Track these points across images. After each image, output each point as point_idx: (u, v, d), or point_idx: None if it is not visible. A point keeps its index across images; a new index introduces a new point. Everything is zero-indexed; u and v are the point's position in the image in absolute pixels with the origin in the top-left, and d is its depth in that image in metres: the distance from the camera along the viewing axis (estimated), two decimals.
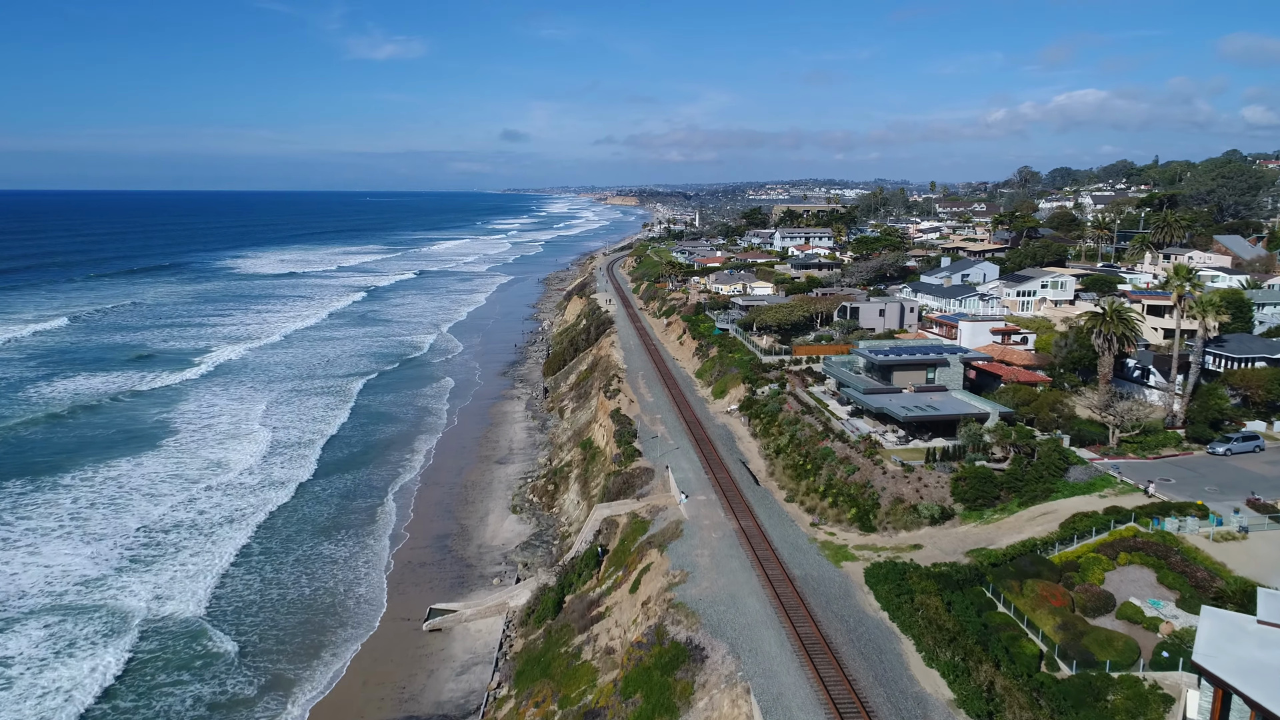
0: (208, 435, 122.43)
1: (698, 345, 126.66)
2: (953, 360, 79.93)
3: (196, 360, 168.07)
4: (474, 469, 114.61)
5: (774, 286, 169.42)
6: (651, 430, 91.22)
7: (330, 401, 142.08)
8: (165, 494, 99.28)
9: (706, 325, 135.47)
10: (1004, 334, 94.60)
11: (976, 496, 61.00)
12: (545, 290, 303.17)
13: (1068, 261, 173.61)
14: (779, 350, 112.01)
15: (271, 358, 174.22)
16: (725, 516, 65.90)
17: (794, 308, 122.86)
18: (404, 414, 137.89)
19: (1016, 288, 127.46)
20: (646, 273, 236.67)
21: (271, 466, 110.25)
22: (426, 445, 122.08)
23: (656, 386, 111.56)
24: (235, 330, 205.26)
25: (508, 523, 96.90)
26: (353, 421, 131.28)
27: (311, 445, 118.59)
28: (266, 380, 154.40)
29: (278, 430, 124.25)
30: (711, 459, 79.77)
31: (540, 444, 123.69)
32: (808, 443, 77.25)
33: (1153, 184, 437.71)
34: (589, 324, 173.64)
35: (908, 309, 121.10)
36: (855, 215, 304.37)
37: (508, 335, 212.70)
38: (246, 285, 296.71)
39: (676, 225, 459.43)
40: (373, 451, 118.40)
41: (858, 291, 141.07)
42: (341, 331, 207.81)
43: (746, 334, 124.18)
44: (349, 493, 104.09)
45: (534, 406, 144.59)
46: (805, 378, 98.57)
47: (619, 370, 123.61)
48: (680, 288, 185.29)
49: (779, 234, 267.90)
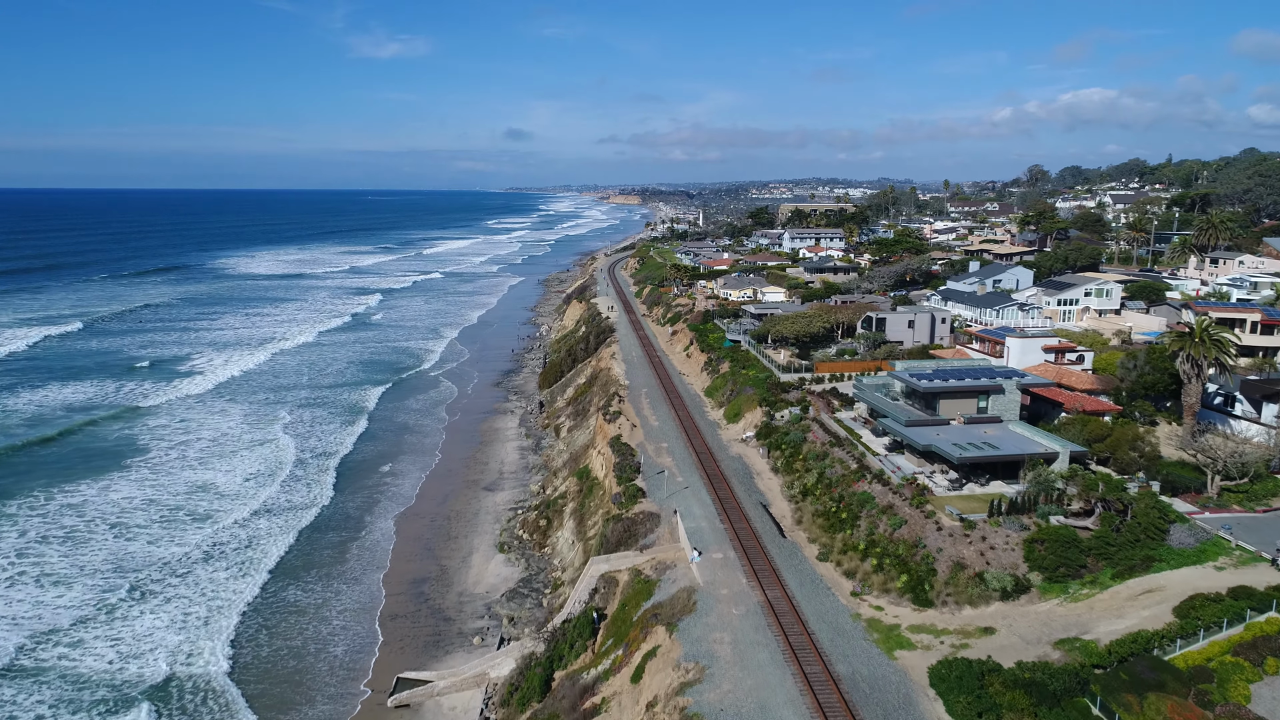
0: (187, 454, 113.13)
1: (707, 359, 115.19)
2: (1008, 386, 68.46)
3: (186, 373, 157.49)
4: (460, 496, 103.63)
5: (787, 292, 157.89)
6: (657, 463, 79.76)
7: (319, 415, 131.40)
8: (138, 526, 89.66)
9: (716, 336, 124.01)
10: (1057, 352, 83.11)
11: (1058, 564, 49.53)
12: (545, 292, 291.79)
13: (1101, 265, 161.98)
14: (798, 366, 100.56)
15: (272, 367, 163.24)
16: (747, 583, 54.45)
17: (813, 318, 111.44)
18: (390, 430, 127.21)
19: (1057, 296, 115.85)
20: (649, 275, 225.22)
21: (253, 490, 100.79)
22: (411, 468, 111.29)
23: (662, 407, 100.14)
24: (243, 335, 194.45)
25: (494, 564, 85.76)
26: (335, 440, 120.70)
27: (283, 467, 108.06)
28: (250, 395, 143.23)
29: (258, 451, 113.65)
30: (727, 502, 68.34)
31: (533, 467, 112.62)
32: (840, 484, 65.83)
33: (1168, 183, 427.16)
34: (589, 331, 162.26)
35: (939, 320, 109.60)
36: (867, 215, 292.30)
37: (506, 340, 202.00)
38: (252, 288, 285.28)
39: (680, 225, 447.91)
40: (351, 475, 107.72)
41: (880, 299, 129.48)
42: (346, 335, 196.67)
43: (760, 346, 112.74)
44: (322, 524, 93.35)
45: (528, 423, 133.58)
46: (830, 400, 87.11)
47: (620, 387, 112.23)
48: (686, 293, 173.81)
49: (788, 235, 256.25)
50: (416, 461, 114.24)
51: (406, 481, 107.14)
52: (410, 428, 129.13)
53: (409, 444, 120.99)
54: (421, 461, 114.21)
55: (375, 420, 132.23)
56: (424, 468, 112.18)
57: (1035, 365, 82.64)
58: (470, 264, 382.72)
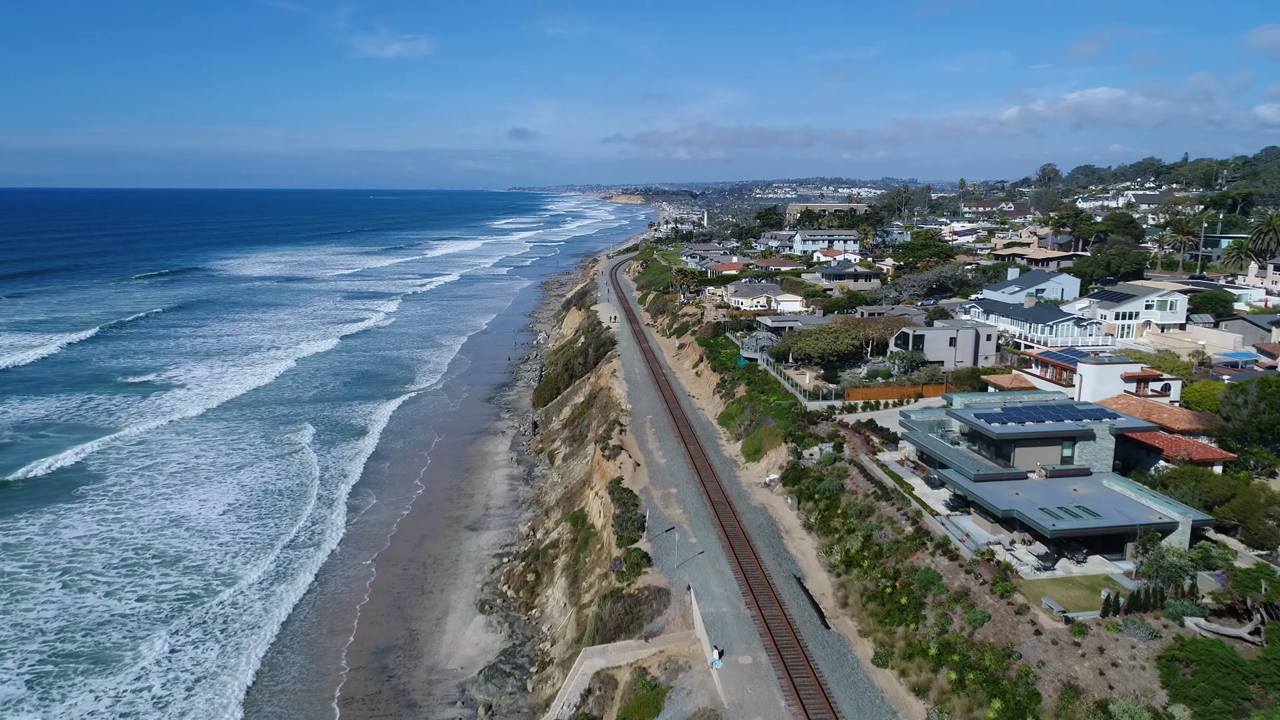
0: (155, 481, 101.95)
1: (720, 380, 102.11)
2: (1100, 431, 55.39)
3: (161, 386, 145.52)
4: (440, 536, 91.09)
5: (803, 300, 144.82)
6: (665, 516, 66.73)
7: (301, 437, 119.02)
8: (94, 573, 78.32)
9: (729, 353, 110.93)
10: (1139, 380, 69.98)
11: (1212, 695, 36.49)
12: (544, 297, 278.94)
13: (1146, 272, 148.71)
14: (826, 392, 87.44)
15: (257, 380, 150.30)
16: (786, 706, 41.39)
17: (839, 333, 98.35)
18: (371, 454, 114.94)
19: (1114, 308, 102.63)
20: (653, 280, 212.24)
21: (229, 528, 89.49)
22: (389, 500, 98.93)
23: (669, 439, 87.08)
24: (228, 345, 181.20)
25: (472, 628, 73.04)
26: (316, 467, 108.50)
27: (260, 498, 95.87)
28: (228, 412, 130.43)
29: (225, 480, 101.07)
30: (752, 574, 55.28)
31: (523, 501, 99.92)
32: (893, 553, 52.84)
33: (1185, 182, 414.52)
34: (588, 343, 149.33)
35: (983, 336, 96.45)
36: (882, 216, 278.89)
37: (502, 348, 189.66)
38: (244, 292, 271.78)
39: (684, 225, 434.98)
40: (327, 508, 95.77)
41: (913, 311, 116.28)
42: (339, 345, 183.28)
43: (780, 366, 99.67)
44: (283, 571, 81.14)
45: (520, 446, 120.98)
46: (869, 436, 74.06)
47: (621, 411, 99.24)
48: (693, 300, 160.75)
49: (799, 237, 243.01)
50: (395, 493, 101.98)
51: (382, 518, 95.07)
52: (393, 453, 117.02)
53: (389, 473, 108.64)
54: (400, 493, 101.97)
55: (359, 442, 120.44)
56: (403, 500, 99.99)
57: (1113, 397, 69.50)
58: (473, 267, 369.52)
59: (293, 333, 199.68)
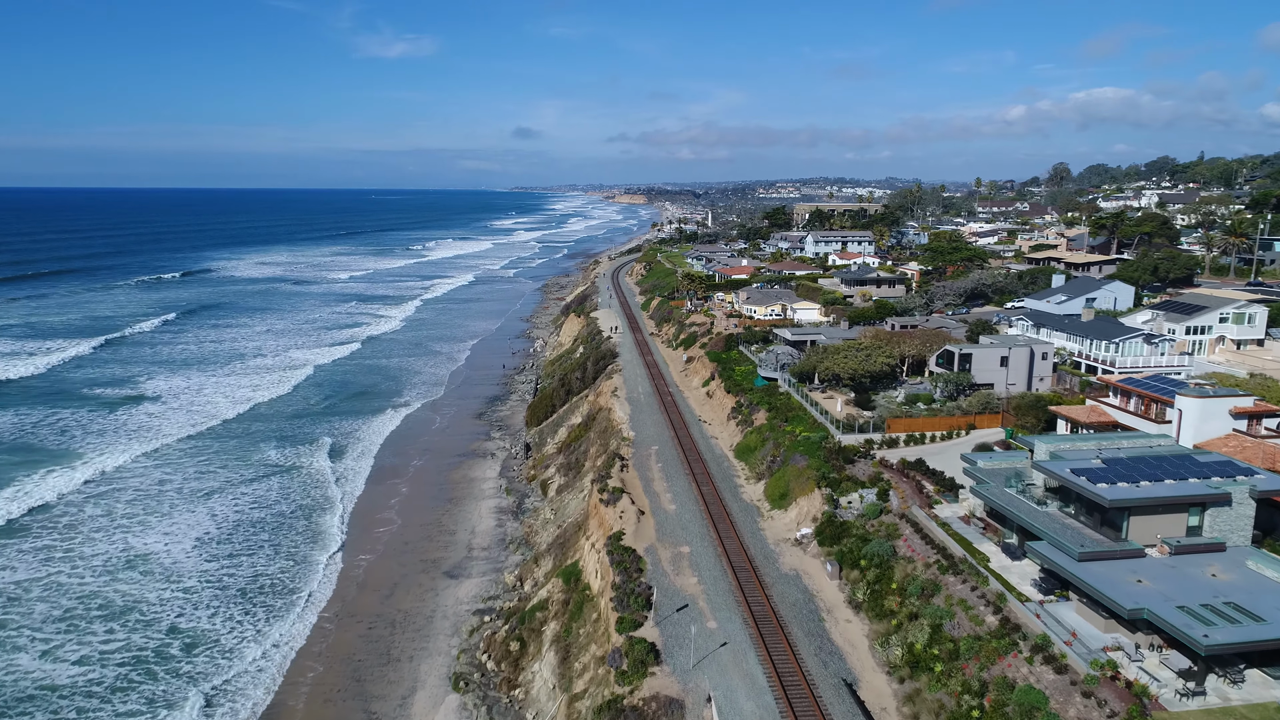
0: (114, 510, 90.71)
1: (735, 403, 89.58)
2: (1237, 493, 43.03)
3: (128, 401, 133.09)
4: (413, 585, 79.19)
5: (822, 309, 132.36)
6: (675, 585, 54.27)
7: (277, 458, 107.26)
8: (30, 628, 67.43)
9: (744, 370, 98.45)
10: (1252, 417, 57.63)
11: None
12: (543, 300, 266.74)
13: (1197, 278, 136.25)
14: (863, 422, 74.93)
15: (233, 393, 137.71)
16: None
17: (871, 350, 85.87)
18: (347, 480, 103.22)
19: (1184, 321, 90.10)
20: (657, 284, 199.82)
21: (193, 568, 78.28)
22: (360, 540, 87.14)
23: (678, 477, 74.59)
24: (209, 352, 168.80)
25: (443, 712, 61.11)
26: (287, 497, 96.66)
27: (230, 532, 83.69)
28: (199, 429, 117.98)
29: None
30: (790, 678, 42.84)
31: (512, 541, 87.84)
32: (974, 654, 40.48)
33: (1202, 181, 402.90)
34: (587, 355, 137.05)
35: (1039, 355, 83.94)
36: (897, 216, 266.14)
37: (498, 355, 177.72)
38: (235, 295, 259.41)
39: (688, 225, 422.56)
40: (290, 549, 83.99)
41: (950, 323, 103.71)
42: (332, 353, 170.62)
43: (804, 388, 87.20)
44: (255, 624, 69.92)
45: (510, 472, 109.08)
46: (919, 480, 61.70)
47: (623, 440, 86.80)
48: (701, 308, 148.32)
49: (811, 238, 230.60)
50: (367, 533, 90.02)
51: (350, 561, 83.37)
52: (369, 477, 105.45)
53: (364, 503, 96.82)
54: (372, 532, 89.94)
55: (334, 464, 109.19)
56: (374, 541, 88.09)
57: (1220, 438, 57.09)
58: (472, 269, 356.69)
59: (281, 339, 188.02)
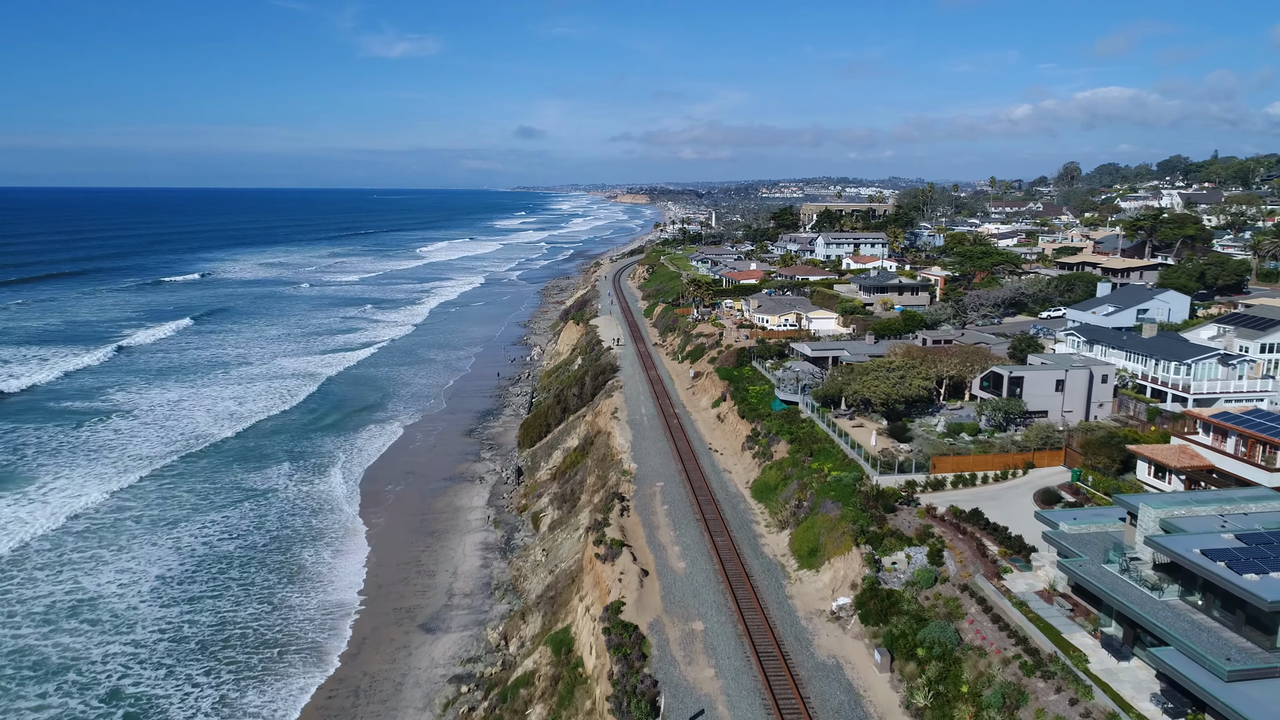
0: (64, 546, 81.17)
1: (751, 431, 79.09)
2: None
3: (90, 415, 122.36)
4: (383, 642, 69.43)
5: (841, 318, 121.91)
6: (687, 680, 43.78)
7: (254, 479, 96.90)
8: None
9: (759, 390, 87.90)
10: None
11: None
12: (541, 304, 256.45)
13: (1247, 285, 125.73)
14: (903, 461, 64.36)
15: (213, 402, 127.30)
16: None
17: (905, 371, 75.43)
18: (319, 507, 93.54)
19: (1259, 338, 79.56)
20: (661, 288, 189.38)
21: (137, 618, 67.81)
22: (325, 582, 77.04)
23: (688, 522, 64.08)
24: (199, 360, 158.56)
25: None
26: (251, 518, 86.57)
27: (193, 568, 72.67)
28: (164, 440, 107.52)
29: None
30: None
31: (498, 586, 77.92)
32: None
33: (1217, 181, 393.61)
34: (585, 368, 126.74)
35: (1098, 378, 73.43)
36: (911, 217, 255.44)
37: (493, 363, 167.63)
38: (226, 299, 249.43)
39: (691, 225, 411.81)
40: (252, 594, 74.07)
41: (989, 337, 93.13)
42: (324, 361, 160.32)
43: (827, 413, 76.73)
44: (180, 691, 59.77)
45: (500, 500, 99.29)
46: (978, 537, 51.31)
47: (623, 474, 76.36)
48: (708, 316, 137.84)
49: (821, 240, 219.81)
50: (339, 568, 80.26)
51: (317, 604, 73.82)
52: (343, 504, 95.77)
53: (331, 539, 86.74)
54: (345, 570, 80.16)
55: (318, 482, 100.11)
56: (346, 582, 78.36)
57: None
58: (471, 270, 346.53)
59: (270, 346, 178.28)
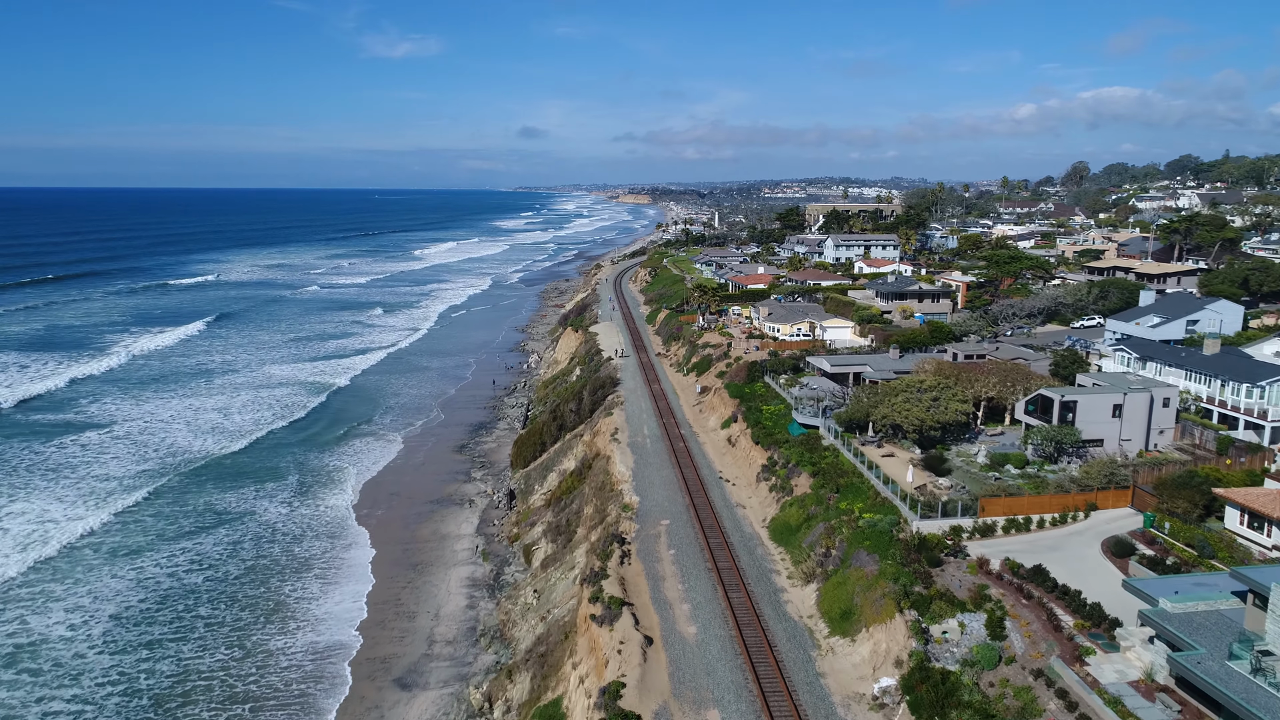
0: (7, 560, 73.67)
1: (767, 460, 70.78)
2: None
3: (77, 435, 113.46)
4: (354, 701, 62.15)
5: (857, 327, 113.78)
6: None
7: (230, 499, 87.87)
8: None
9: (774, 412, 79.55)
10: None
11: None
12: (540, 307, 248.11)
13: None
14: (948, 503, 55.96)
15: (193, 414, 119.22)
16: None
17: (940, 392, 67.24)
18: (299, 535, 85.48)
19: None
20: (664, 292, 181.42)
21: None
22: (294, 625, 69.02)
23: (698, 575, 55.75)
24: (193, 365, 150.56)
25: None
26: (223, 546, 77.89)
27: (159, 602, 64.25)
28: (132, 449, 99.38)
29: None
30: None
31: (484, 633, 69.88)
32: None
33: (1230, 180, 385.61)
34: (583, 380, 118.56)
35: (1159, 402, 65.17)
36: (924, 218, 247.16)
37: (488, 371, 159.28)
38: (231, 304, 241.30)
39: (694, 226, 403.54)
40: (213, 641, 65.60)
41: (1026, 352, 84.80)
42: (317, 368, 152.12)
43: (852, 439, 68.47)
44: None
45: (490, 527, 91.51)
46: (1042, 599, 43.12)
47: (624, 508, 68.08)
48: (715, 324, 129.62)
49: (831, 242, 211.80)
50: (303, 611, 72.15)
51: (301, 653, 66.01)
52: (326, 530, 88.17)
53: (319, 570, 78.99)
54: (300, 625, 71.64)
55: (301, 509, 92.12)
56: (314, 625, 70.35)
57: None
58: (470, 273, 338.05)
59: (260, 352, 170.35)
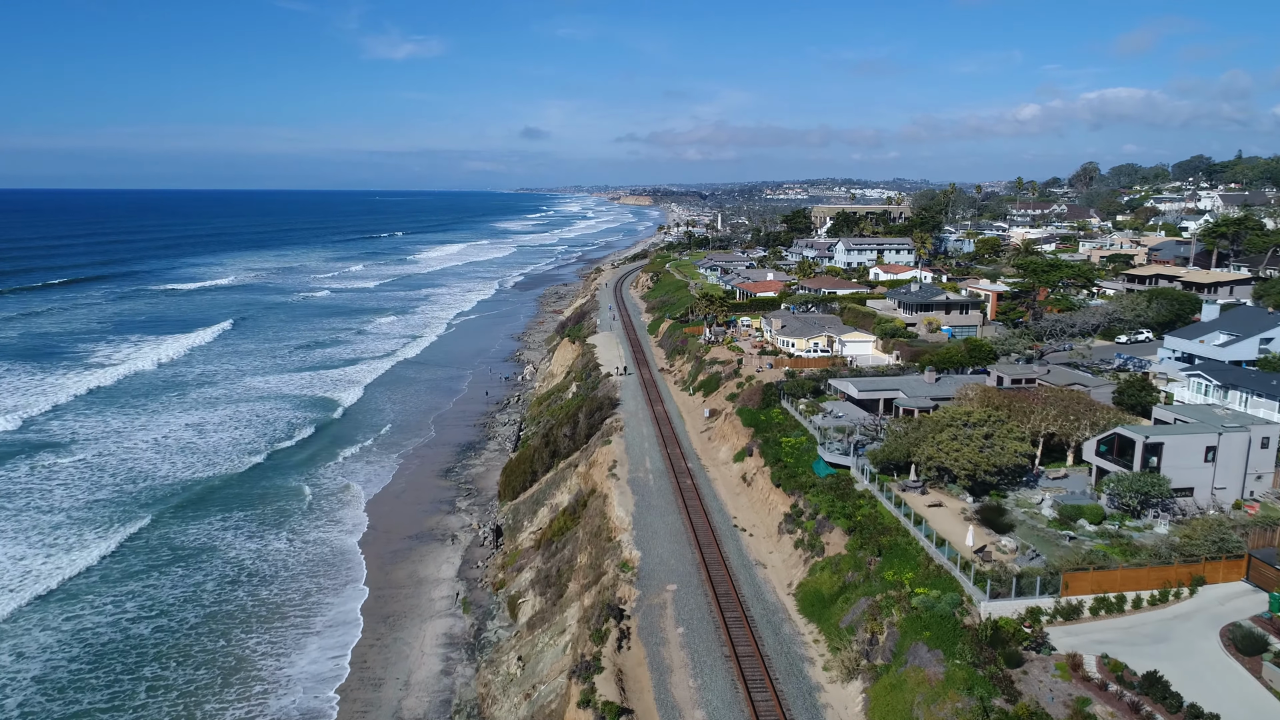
0: None
1: (791, 507, 60.38)
2: None
3: (31, 457, 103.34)
4: None
5: (879, 342, 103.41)
6: None
7: (214, 526, 77.48)
8: None
9: (794, 445, 69.08)
10: None
11: None
12: (537, 312, 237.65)
13: None
14: (1024, 578, 45.45)
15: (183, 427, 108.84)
16: None
17: (992, 427, 56.96)
18: (267, 578, 75.24)
19: None
20: (667, 299, 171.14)
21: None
22: (246, 691, 58.90)
23: (714, 666, 45.23)
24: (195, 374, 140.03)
25: None
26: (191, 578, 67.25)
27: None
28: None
29: None
30: None
31: (460, 708, 59.87)
32: None
33: (1244, 182, 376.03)
34: (580, 398, 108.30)
35: (1257, 442, 54.81)
36: (939, 220, 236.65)
37: (480, 383, 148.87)
38: (222, 307, 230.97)
39: (696, 228, 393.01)
40: None
41: (1084, 376, 74.38)
42: (311, 376, 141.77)
43: (891, 483, 58.12)
44: None
45: (473, 570, 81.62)
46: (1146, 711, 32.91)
47: (622, 567, 57.70)
48: (723, 337, 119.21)
49: (842, 245, 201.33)
50: (252, 684, 61.92)
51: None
52: (300, 571, 78.17)
53: (287, 621, 68.93)
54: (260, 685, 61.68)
55: (257, 545, 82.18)
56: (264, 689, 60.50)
57: None
58: (468, 275, 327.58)
59: (242, 361, 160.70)
